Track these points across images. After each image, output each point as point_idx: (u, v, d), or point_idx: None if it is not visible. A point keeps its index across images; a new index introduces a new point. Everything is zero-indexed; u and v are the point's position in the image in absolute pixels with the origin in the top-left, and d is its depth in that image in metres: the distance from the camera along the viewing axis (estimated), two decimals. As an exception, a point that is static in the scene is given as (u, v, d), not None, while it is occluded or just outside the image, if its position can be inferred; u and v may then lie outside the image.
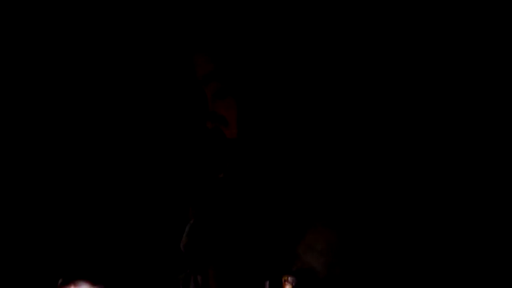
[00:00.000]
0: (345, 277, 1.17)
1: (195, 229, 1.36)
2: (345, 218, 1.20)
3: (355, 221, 1.19)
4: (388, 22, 1.41)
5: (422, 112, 1.37)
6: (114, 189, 1.72)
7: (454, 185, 1.31)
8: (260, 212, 1.28)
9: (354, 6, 1.36)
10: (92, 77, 1.75)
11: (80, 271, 1.44)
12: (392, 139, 1.31)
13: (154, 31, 1.73)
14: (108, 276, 1.43)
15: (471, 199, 1.29)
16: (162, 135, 1.75)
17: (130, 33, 1.72)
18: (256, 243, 1.27)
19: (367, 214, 1.19)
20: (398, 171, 1.27)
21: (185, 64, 1.38)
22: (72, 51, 1.74)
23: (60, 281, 1.38)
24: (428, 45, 1.40)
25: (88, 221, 1.70)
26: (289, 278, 1.21)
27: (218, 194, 1.36)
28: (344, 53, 1.32)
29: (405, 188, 1.24)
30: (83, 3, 1.72)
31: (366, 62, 1.37)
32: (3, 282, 1.60)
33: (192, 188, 1.45)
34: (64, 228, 1.70)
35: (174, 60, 1.75)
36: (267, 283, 1.25)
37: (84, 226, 1.69)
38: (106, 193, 1.72)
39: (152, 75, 1.76)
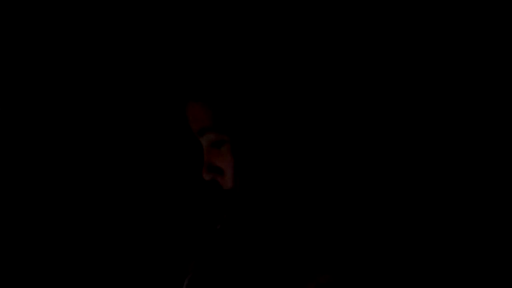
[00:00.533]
0: None
1: (194, 283, 1.33)
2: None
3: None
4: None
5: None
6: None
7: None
8: (258, 263, 1.26)
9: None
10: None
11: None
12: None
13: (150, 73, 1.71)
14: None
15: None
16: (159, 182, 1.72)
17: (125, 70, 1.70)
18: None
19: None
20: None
21: (180, 112, 1.35)
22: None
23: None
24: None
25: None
26: None
27: (216, 246, 1.33)
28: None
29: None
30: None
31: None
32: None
33: (190, 241, 1.42)
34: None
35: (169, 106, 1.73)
36: None
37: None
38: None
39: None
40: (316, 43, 1.30)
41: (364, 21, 1.39)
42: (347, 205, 1.20)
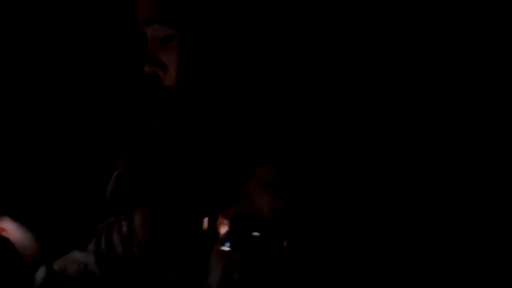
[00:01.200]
0: (288, 217, 1.14)
1: (122, 177, 1.31)
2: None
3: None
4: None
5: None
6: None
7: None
8: (192, 161, 1.24)
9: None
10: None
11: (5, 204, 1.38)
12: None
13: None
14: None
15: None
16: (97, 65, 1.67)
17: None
18: (189, 186, 1.23)
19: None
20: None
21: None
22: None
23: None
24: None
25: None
26: (227, 216, 1.18)
27: (149, 142, 1.31)
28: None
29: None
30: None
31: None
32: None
33: (124, 135, 1.39)
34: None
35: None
36: (205, 220, 1.21)
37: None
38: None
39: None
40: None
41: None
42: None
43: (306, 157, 1.17)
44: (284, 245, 1.13)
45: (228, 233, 1.16)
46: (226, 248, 1.16)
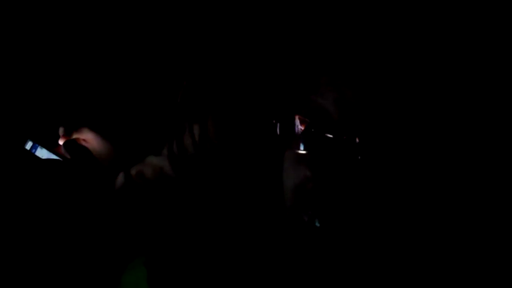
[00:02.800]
0: (358, 118, 1.17)
1: (191, 85, 1.34)
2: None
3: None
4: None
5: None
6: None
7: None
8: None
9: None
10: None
11: (85, 118, 1.41)
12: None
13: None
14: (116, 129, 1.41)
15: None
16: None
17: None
18: (260, 92, 1.26)
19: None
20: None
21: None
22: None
23: (61, 129, 1.37)
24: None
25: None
26: (301, 119, 1.21)
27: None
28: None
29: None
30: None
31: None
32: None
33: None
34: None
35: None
36: (278, 124, 1.24)
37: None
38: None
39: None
40: None
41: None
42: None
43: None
44: (357, 141, 1.17)
45: (303, 135, 1.19)
46: (301, 151, 1.19)
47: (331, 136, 1.21)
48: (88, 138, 1.38)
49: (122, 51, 1.57)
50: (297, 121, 1.20)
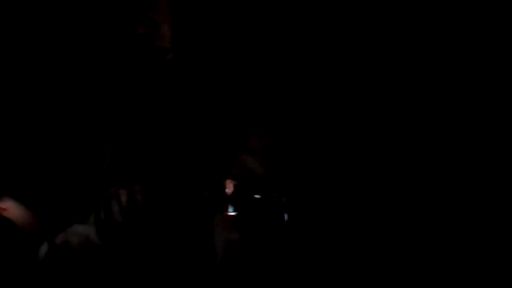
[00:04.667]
0: (285, 176, 1.16)
1: (117, 149, 1.31)
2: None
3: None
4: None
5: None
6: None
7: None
8: (191, 126, 1.24)
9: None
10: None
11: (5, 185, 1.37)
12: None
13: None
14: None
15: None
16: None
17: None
18: (187, 154, 1.24)
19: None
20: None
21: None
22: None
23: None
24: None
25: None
26: (229, 182, 1.19)
27: (146, 109, 1.31)
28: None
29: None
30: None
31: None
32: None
33: (115, 107, 1.38)
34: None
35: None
36: (206, 191, 1.22)
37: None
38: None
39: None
40: None
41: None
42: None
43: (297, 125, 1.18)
44: (284, 200, 1.16)
45: (232, 198, 1.18)
46: (230, 213, 1.17)
47: (259, 196, 1.19)
48: (9, 207, 1.33)
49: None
50: (226, 184, 1.19)
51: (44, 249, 1.31)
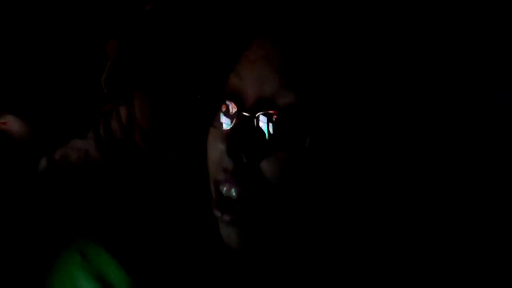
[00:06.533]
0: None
1: (117, 63, 1.29)
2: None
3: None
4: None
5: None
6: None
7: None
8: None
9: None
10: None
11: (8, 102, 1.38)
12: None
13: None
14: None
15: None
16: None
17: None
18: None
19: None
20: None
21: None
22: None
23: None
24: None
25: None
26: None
27: (142, 27, 1.29)
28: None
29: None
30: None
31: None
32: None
33: (119, 20, 1.36)
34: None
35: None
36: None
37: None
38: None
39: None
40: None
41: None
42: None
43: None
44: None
45: (224, 114, 1.15)
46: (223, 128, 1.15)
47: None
48: (8, 121, 1.34)
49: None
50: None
51: (43, 163, 1.31)
